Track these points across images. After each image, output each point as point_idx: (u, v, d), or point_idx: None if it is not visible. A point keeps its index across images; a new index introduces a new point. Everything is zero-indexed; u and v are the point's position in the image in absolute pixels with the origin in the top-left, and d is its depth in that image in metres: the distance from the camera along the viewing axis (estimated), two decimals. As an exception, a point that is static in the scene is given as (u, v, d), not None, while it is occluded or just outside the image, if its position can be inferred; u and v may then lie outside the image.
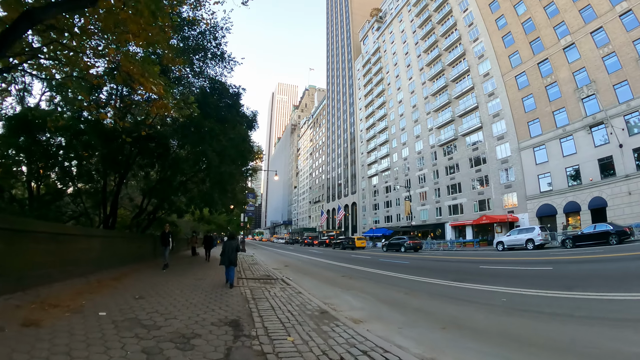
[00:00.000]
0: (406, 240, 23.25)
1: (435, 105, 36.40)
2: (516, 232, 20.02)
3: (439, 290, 6.79)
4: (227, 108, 11.53)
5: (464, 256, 16.66)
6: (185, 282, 6.70)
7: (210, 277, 7.65)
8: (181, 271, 8.79)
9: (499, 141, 28.92)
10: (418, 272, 9.85)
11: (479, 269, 10.56)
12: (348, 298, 6.14)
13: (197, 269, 9.62)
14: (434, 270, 10.92)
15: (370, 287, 7.53)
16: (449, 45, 35.54)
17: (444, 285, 7.46)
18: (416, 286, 7.51)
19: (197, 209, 15.17)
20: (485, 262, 12.15)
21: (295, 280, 8.15)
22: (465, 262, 13.02)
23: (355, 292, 6.72)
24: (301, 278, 9.13)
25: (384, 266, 12.34)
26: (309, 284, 7.83)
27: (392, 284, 7.90)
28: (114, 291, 5.38)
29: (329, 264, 14.43)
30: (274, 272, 9.78)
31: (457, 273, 9.49)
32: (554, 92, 26.36)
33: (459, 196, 32.26)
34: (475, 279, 8.02)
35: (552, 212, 24.65)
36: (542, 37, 27.81)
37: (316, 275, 9.85)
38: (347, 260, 15.68)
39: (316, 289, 7.06)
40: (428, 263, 13.60)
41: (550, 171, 25.24)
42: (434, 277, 8.60)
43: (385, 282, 8.37)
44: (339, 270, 11.32)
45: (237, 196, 16.97)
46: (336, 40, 73.70)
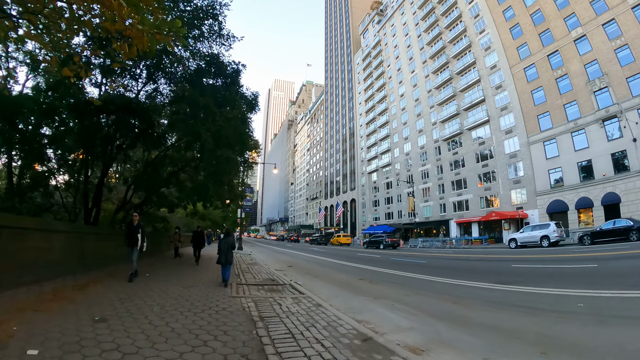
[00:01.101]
0: (385, 239, 25.54)
1: (439, 99, 35.24)
2: (530, 228, 19.08)
3: (489, 296, 5.58)
4: (225, 87, 10.03)
5: (478, 254, 15.57)
6: (169, 293, 5.21)
7: (201, 286, 6.16)
8: (165, 277, 7.15)
9: (507, 135, 27.91)
10: (444, 273, 8.63)
11: (513, 268, 9.43)
12: (384, 312, 4.79)
13: (185, 273, 8.01)
14: (461, 270, 9.75)
15: (402, 293, 6.21)
16: (453, 38, 34.35)
17: (489, 289, 6.24)
18: (457, 291, 6.26)
19: (189, 203, 13.61)
20: (513, 261, 11.04)
21: (306, 286, 6.77)
22: (491, 261, 11.85)
23: (389, 303, 5.38)
24: (312, 282, 7.75)
25: (399, 266, 11.09)
26: (326, 291, 6.45)
27: (425, 289, 6.63)
28: (69, 308, 3.92)
29: (336, 263, 13.12)
30: (279, 275, 8.38)
31: (493, 274, 8.32)
32: (564, 84, 25.40)
33: (465, 192, 31.26)
34: (519, 280, 6.96)
35: (564, 208, 23.79)
36: (551, 29, 26.80)
37: (328, 278, 8.49)
38: (354, 259, 14.41)
39: (338, 299, 5.69)
40: (447, 262, 12.41)
41: (562, 166, 24.34)
42: (469, 279, 7.40)
43: (414, 286, 7.09)
44: (351, 272, 10.01)
45: (233, 188, 15.45)
46: (335, 35, 72.00)
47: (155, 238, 13.89)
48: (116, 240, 8.27)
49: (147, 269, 8.28)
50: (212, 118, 8.31)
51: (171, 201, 13.31)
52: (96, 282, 5.89)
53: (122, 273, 6.77)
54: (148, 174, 9.52)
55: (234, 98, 10.11)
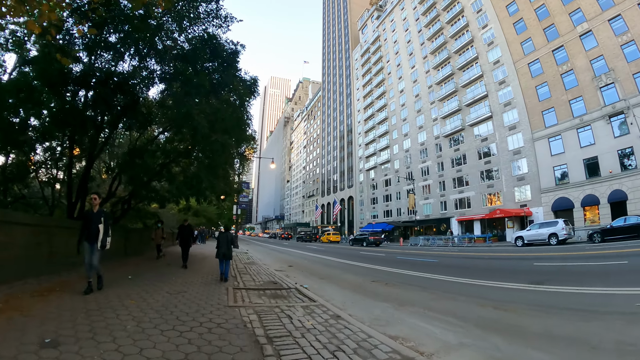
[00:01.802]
0: (368, 237, 27.40)
1: (440, 95, 34.54)
2: (537, 226, 18.52)
3: (530, 299, 4.89)
4: (222, 69, 8.96)
5: (487, 252, 14.82)
6: (151, 302, 4.09)
7: (192, 292, 5.04)
8: (149, 281, 5.92)
9: (510, 131, 27.34)
10: (463, 273, 7.85)
11: (535, 266, 8.73)
12: (418, 323, 3.89)
13: (174, 276, 6.70)
14: (481, 269, 9.00)
15: (427, 297, 5.36)
16: (455, 33, 33.64)
17: (524, 290, 5.56)
18: (490, 293, 5.47)
19: (182, 198, 12.45)
20: (532, 259, 10.36)
21: (314, 290, 5.83)
22: (508, 260, 11.08)
23: (419, 310, 4.49)
24: (319, 285, 6.78)
25: (409, 265, 10.26)
26: (339, 296, 5.50)
27: (451, 291, 5.81)
28: (17, 322, 3.00)
29: (340, 263, 12.18)
30: (280, 276, 7.38)
31: (519, 273, 7.63)
32: (570, 80, 24.90)
33: (466, 189, 30.65)
34: (550, 279, 6.42)
35: (569, 205, 23.30)
36: (556, 24, 26.29)
37: (337, 280, 7.53)
38: (358, 258, 13.50)
39: (356, 306, 4.75)
40: (460, 261, 11.59)
41: (567, 163, 23.84)
42: (494, 279, 6.66)
43: (437, 287, 6.25)
44: (359, 272, 9.10)
45: (229, 182, 14.27)
46: (333, 31, 70.90)
47: (144, 235, 12.69)
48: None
49: (131, 270, 7.20)
50: (207, 99, 7.23)
51: (162, 195, 12.13)
52: (63, 287, 4.81)
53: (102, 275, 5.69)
54: (134, 164, 8.36)
55: (231, 81, 9.04)
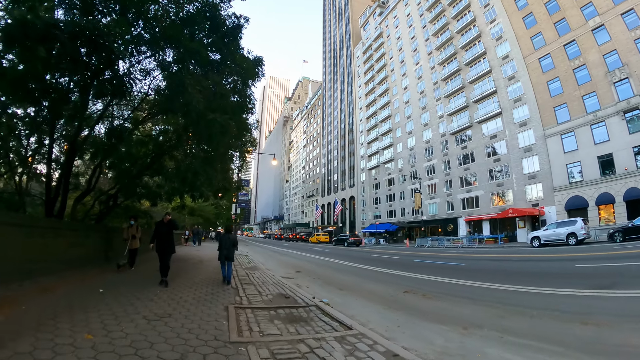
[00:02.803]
0: (348, 237, 29.76)
1: (446, 91, 33.62)
2: (554, 225, 17.65)
3: (619, 309, 4.13)
4: (223, 45, 7.78)
5: (510, 254, 13.80)
6: (115, 337, 2.87)
7: (182, 314, 3.75)
8: (126, 296, 4.50)
9: (521, 128, 26.45)
10: (505, 279, 6.82)
11: (580, 268, 7.84)
12: (508, 356, 2.90)
13: (154, 293, 4.95)
14: (520, 273, 8.02)
15: (490, 315, 4.34)
16: (461, 28, 32.78)
17: (598, 297, 4.79)
18: (558, 304, 4.51)
19: (175, 195, 11.25)
20: (568, 260, 9.51)
21: (338, 306, 4.75)
22: (543, 262, 10.07)
23: (492, 335, 3.53)
24: (343, 299, 5.64)
25: (434, 270, 9.23)
26: (376, 317, 4.40)
27: (512, 303, 4.79)
28: None
29: (352, 267, 11.10)
30: (291, 286, 6.22)
31: (573, 277, 6.75)
32: (582, 75, 24.09)
33: (474, 188, 29.71)
34: (615, 282, 5.65)
35: (583, 204, 22.43)
36: (567, 18, 25.52)
37: (361, 291, 6.38)
38: (369, 262, 12.45)
39: (407, 333, 3.70)
40: (488, 264, 10.58)
41: (581, 160, 22.99)
42: (547, 285, 5.80)
43: (489, 299, 5.23)
44: (381, 279, 8.05)
45: (228, 176, 13.01)
46: (334, 29, 69.95)
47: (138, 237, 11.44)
48: (71, 237, 5.95)
49: (107, 281, 5.96)
50: (204, 71, 6.04)
51: (154, 192, 10.90)
52: (4, 305, 3.60)
53: (66, 287, 4.49)
54: (116, 149, 7.12)
55: (232, 57, 7.85)
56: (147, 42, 5.76)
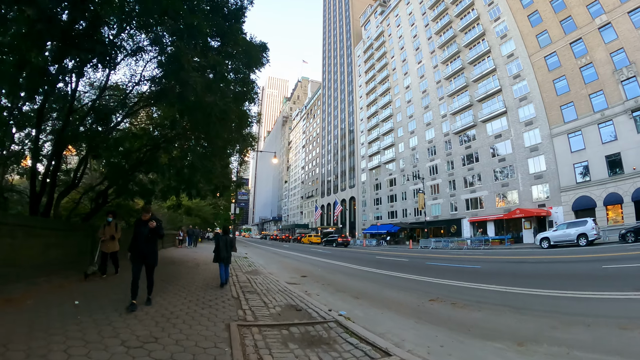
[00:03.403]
0: (336, 238, 31.94)
1: (449, 90, 33.13)
2: (564, 226, 17.21)
3: None
4: (224, 28, 7.03)
5: (520, 256, 13.16)
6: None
7: (163, 353, 2.57)
8: (94, 319, 3.37)
9: (526, 127, 25.97)
10: (530, 282, 6.37)
11: (613, 270, 7.31)
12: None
13: (141, 306, 4.05)
14: (547, 276, 7.58)
15: (542, 327, 3.73)
16: (465, 26, 32.35)
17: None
18: (620, 311, 3.93)
19: (170, 192, 10.43)
20: (590, 261, 9.05)
21: (363, 322, 3.99)
22: (565, 263, 9.51)
23: (561, 352, 2.92)
24: (364, 311, 4.92)
25: (451, 274, 8.73)
26: (412, 335, 3.74)
27: (562, 312, 4.20)
28: None
29: (360, 270, 10.44)
30: (300, 295, 5.43)
31: (608, 279, 6.33)
32: (589, 73, 23.70)
33: (479, 188, 29.15)
34: None
35: (591, 204, 21.96)
36: (573, 16, 25.17)
37: (381, 300, 5.65)
38: (377, 264, 11.84)
39: (454, 356, 2.99)
40: (505, 266, 9.97)
41: (588, 160, 22.54)
42: (590, 289, 5.22)
43: (531, 306, 4.66)
44: (398, 285, 7.40)
45: (228, 173, 12.18)
46: (334, 28, 69.49)
47: (125, 237, 10.54)
48: (46, 237, 5.14)
49: (88, 287, 5.15)
50: (204, 50, 5.28)
51: (148, 189, 10.07)
52: None
53: (36, 297, 3.70)
54: (101, 137, 6.30)
55: (235, 39, 7.10)
56: (138, 15, 5.00)
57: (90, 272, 5.93)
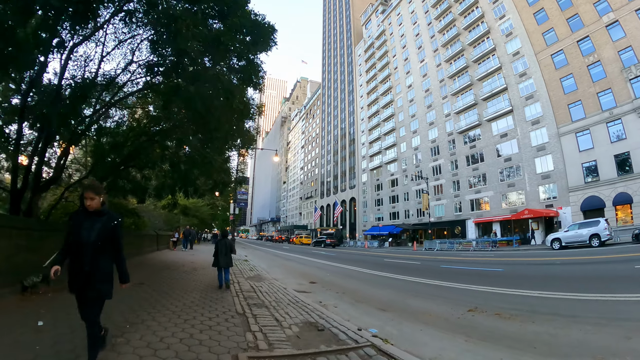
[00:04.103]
0: (325, 239, 34.41)
1: (453, 89, 32.63)
2: (576, 226, 16.73)
3: None
4: (226, 6, 6.26)
5: (535, 257, 12.53)
6: None
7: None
8: (56, 352, 2.45)
9: (533, 126, 25.50)
10: (570, 286, 5.63)
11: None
12: None
13: (121, 328, 3.07)
14: (586, 279, 6.80)
15: (618, 336, 3.12)
16: (469, 24, 31.92)
17: None
18: None
19: (165, 190, 9.60)
20: (622, 261, 8.48)
21: (401, 341, 3.31)
22: (593, 264, 8.85)
23: None
24: (400, 328, 4.05)
25: (474, 278, 8.13)
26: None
27: (626, 318, 3.58)
28: None
29: (372, 275, 9.74)
30: (316, 307, 4.58)
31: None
32: (597, 72, 23.30)
33: (484, 189, 28.61)
34: None
35: (599, 205, 21.48)
36: (580, 14, 24.81)
37: (413, 313, 4.79)
38: (387, 268, 11.20)
39: None
40: (529, 269, 9.33)
41: (597, 159, 22.07)
42: (635, 292, 4.54)
43: (590, 313, 3.99)
44: (422, 292, 6.73)
45: (227, 169, 11.31)
46: (334, 27, 69.03)
47: None
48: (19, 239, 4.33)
49: (60, 300, 4.28)
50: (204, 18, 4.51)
51: (141, 186, 9.23)
52: None
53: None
54: (76, 116, 5.45)
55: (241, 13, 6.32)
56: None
57: (29, 283, 4.30)
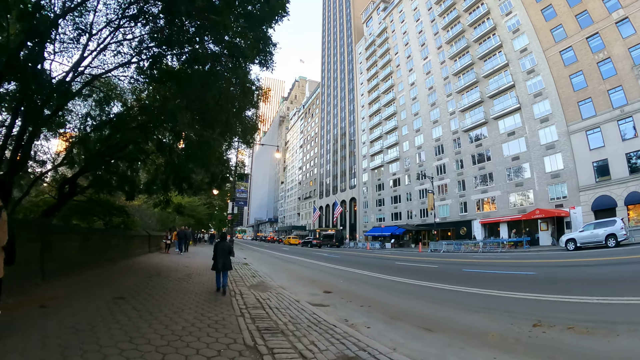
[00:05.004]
0: (312, 240, 37.56)
1: (458, 86, 31.99)
2: (591, 226, 16.10)
3: None
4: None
5: (556, 259, 11.72)
6: None
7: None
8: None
9: (542, 124, 24.89)
10: (628, 290, 4.73)
11: None
12: None
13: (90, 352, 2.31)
14: (628, 280, 5.74)
15: None
16: (474, 21, 31.33)
17: None
18: None
19: (157, 185, 8.52)
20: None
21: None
22: (629, 264, 7.87)
23: None
24: (464, 357, 3.10)
25: (506, 283, 7.53)
26: None
27: None
28: None
29: (389, 281, 8.86)
30: (344, 329, 3.55)
31: None
32: (607, 69, 22.79)
33: (491, 188, 27.92)
34: None
35: (611, 204, 20.89)
36: (589, 11, 24.31)
37: (468, 331, 3.72)
38: (403, 273, 10.41)
39: None
40: (565, 271, 8.45)
41: (608, 157, 21.51)
42: None
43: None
44: (461, 302, 5.93)
45: (226, 161, 10.16)
46: (334, 26, 68.29)
47: (104, 242, 8.29)
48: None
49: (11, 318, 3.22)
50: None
51: (130, 181, 8.15)
52: None
53: None
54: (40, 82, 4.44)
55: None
56: None
57: None
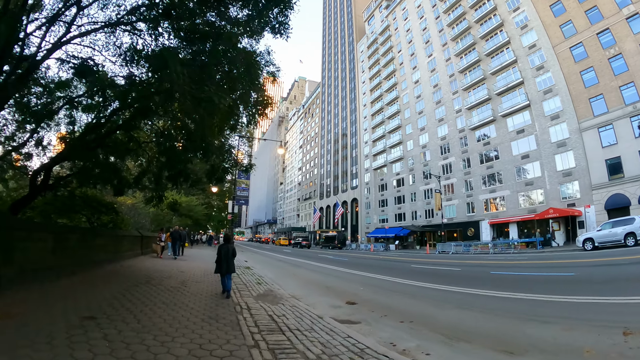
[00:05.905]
0: (301, 241, 40.52)
1: (464, 84, 31.43)
2: (609, 225, 15.57)
3: None
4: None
5: (582, 259, 11.00)
6: None
7: None
8: None
9: (552, 121, 24.35)
10: None
11: None
12: None
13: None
14: None
15: None
16: (481, 17, 30.85)
17: None
18: None
19: (148, 176, 7.62)
20: None
21: None
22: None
23: None
24: None
25: (535, 285, 6.92)
26: None
27: None
28: None
29: (413, 286, 8.09)
30: (392, 354, 2.66)
31: None
32: (618, 65, 22.33)
33: (499, 188, 27.30)
34: None
35: (625, 203, 20.35)
36: (599, 6, 23.90)
37: (566, 354, 2.95)
38: (423, 277, 9.73)
39: None
40: (603, 271, 7.78)
41: (621, 155, 20.99)
42: None
43: None
44: (507, 310, 5.27)
45: (227, 152, 9.09)
46: (335, 24, 67.75)
47: (86, 242, 7.19)
48: None
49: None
50: None
51: (118, 173, 7.26)
52: None
53: None
54: None
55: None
56: None
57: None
